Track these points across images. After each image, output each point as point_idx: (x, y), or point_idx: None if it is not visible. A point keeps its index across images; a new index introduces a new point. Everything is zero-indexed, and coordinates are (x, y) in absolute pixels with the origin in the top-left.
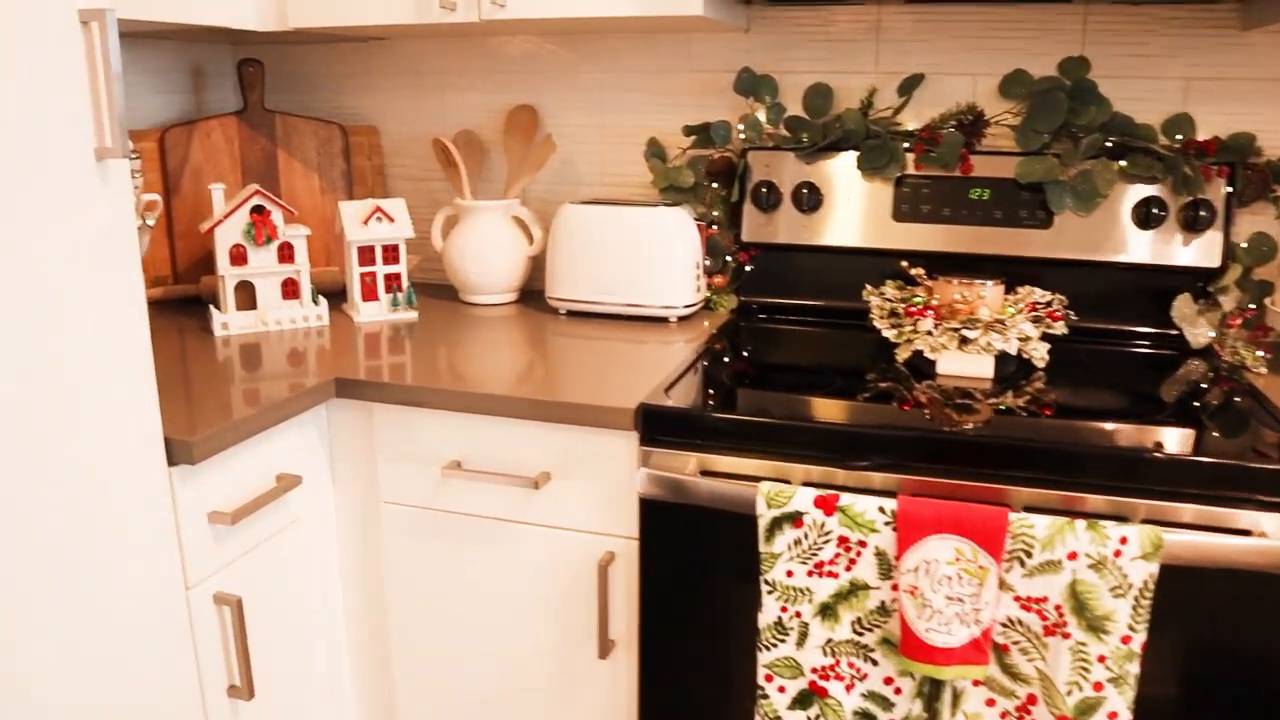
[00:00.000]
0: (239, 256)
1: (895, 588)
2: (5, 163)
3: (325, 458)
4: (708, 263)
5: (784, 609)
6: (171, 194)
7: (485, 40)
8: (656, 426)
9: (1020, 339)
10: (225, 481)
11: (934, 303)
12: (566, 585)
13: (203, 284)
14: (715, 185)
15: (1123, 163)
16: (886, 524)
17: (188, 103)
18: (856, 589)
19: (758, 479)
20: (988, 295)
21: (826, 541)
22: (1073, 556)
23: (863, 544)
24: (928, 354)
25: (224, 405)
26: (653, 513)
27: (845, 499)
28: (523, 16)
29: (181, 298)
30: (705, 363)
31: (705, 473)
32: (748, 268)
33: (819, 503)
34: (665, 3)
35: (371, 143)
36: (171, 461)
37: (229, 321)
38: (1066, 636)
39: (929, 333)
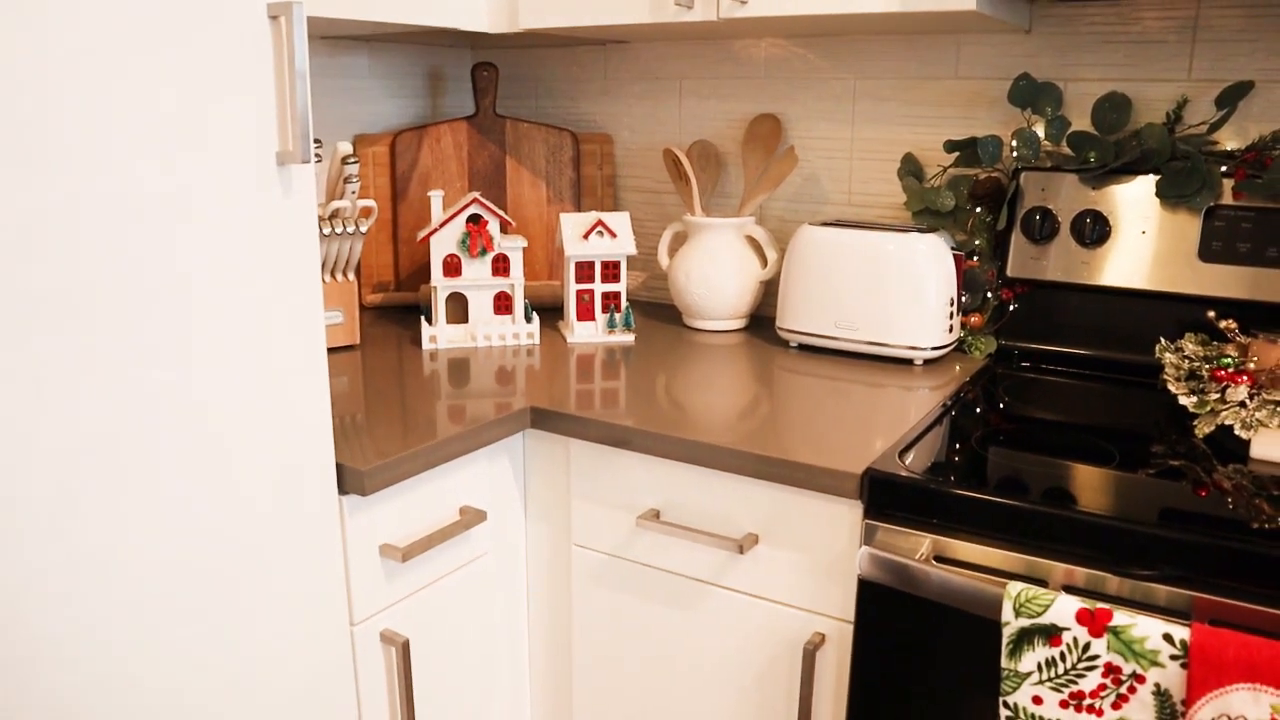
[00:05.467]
0: (453, 267)
1: None
2: (181, 166)
3: (518, 492)
4: (964, 299)
5: None
6: (398, 199)
7: (728, 44)
8: (884, 498)
9: None
10: (402, 511)
11: (1250, 366)
12: (765, 664)
13: (422, 292)
14: (979, 210)
15: None
16: (1174, 657)
17: (424, 107)
18: None
19: (1005, 575)
20: None
21: (1090, 668)
22: None
23: (1139, 678)
24: (1238, 431)
25: (411, 429)
26: (873, 597)
27: (1120, 617)
28: (766, 14)
29: (402, 305)
30: (952, 417)
31: (940, 559)
32: (1011, 307)
33: (1083, 617)
34: None
35: (604, 151)
36: (343, 490)
37: (437, 334)
38: None
39: (1242, 404)
